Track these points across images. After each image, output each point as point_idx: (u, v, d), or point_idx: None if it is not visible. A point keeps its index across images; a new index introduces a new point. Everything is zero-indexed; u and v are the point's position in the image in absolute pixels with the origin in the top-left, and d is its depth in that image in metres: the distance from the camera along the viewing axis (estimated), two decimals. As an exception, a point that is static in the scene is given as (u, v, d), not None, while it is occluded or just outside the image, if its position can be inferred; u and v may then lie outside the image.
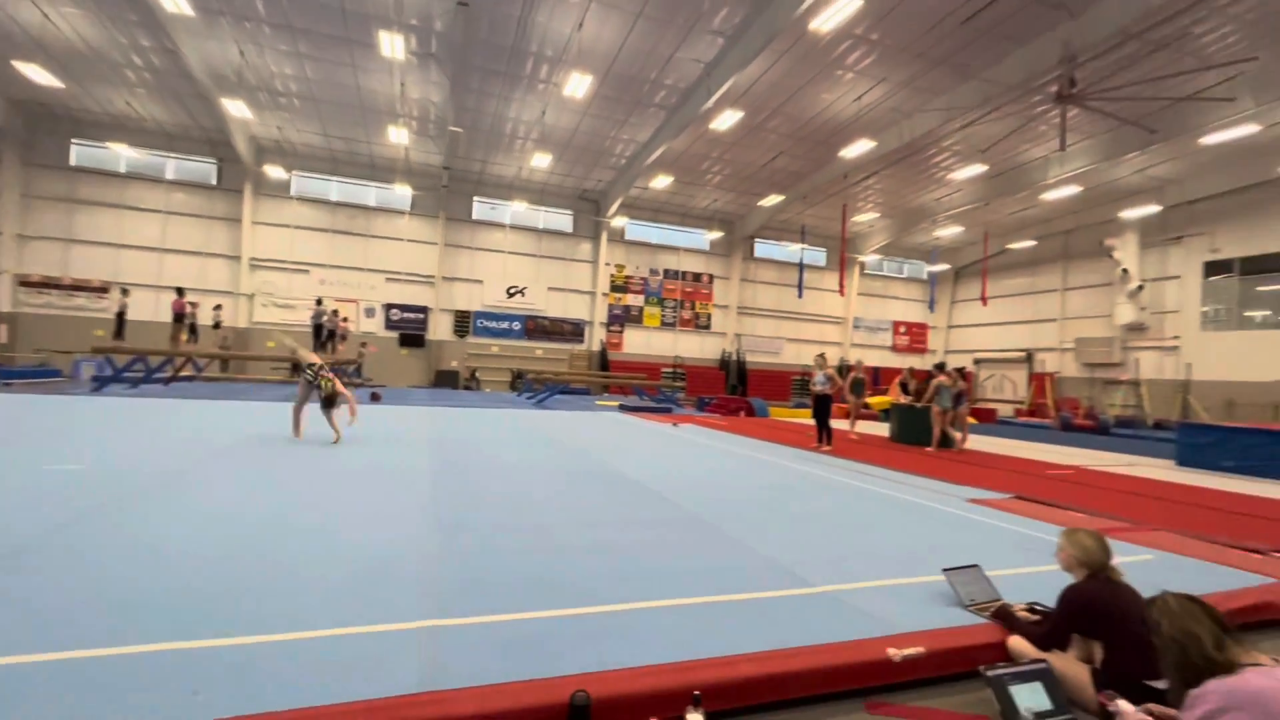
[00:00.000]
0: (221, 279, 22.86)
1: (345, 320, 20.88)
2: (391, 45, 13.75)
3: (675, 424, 13.46)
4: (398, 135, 19.78)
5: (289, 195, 23.79)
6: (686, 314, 29.16)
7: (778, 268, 30.56)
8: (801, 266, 24.96)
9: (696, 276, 29.30)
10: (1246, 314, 21.41)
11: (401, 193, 24.30)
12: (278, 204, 23.67)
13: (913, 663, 2.52)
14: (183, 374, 16.72)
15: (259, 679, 2.02)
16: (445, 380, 24.99)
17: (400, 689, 1.97)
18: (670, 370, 27.82)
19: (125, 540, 3.41)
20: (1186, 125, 16.37)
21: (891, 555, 4.03)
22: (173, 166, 22.66)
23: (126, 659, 2.10)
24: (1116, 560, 2.84)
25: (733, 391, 27.50)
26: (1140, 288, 23.64)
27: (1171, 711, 1.80)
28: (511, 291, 26.59)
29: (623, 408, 17.65)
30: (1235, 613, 3.32)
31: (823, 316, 31.45)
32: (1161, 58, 14.21)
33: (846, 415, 13.61)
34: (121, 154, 21.70)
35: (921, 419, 11.43)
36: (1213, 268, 22.14)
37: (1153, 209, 22.14)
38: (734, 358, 29.08)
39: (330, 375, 7.55)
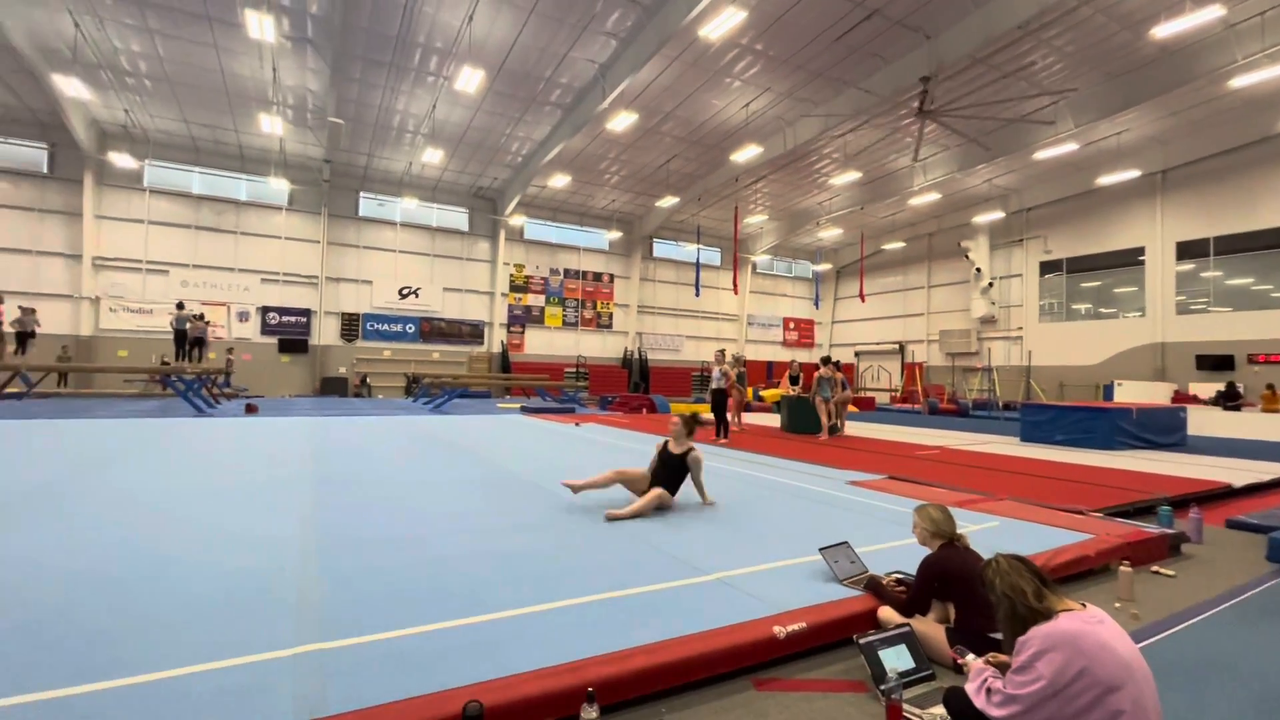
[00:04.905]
0: (58, 280, 20.05)
1: (208, 324, 19.09)
2: (260, 26, 12.52)
3: (577, 424, 13.45)
4: (271, 124, 18.16)
5: (140, 186, 21.22)
6: (588, 313, 29.17)
7: (676, 267, 31.33)
8: (698, 266, 25.77)
9: (597, 276, 29.39)
10: (1074, 306, 24.73)
11: (278, 187, 22.45)
12: (126, 196, 21.07)
13: (796, 638, 2.71)
14: (8, 390, 14.44)
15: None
16: (332, 388, 23.40)
17: (275, 722, 1.85)
18: (573, 370, 27.74)
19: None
20: (1022, 142, 18.61)
21: (778, 539, 4.24)
22: (-11, 150, 19.57)
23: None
24: (965, 529, 3.20)
25: (635, 389, 27.89)
26: (990, 285, 26.72)
27: (1006, 658, 2.04)
28: (404, 292, 25.35)
29: (524, 409, 17.37)
30: (1059, 566, 3.80)
31: (719, 314, 32.62)
32: (1004, 82, 16.08)
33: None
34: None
35: (808, 409, 12.18)
36: (1047, 267, 25.40)
37: (998, 215, 25.05)
38: (636, 356, 29.47)
39: None
